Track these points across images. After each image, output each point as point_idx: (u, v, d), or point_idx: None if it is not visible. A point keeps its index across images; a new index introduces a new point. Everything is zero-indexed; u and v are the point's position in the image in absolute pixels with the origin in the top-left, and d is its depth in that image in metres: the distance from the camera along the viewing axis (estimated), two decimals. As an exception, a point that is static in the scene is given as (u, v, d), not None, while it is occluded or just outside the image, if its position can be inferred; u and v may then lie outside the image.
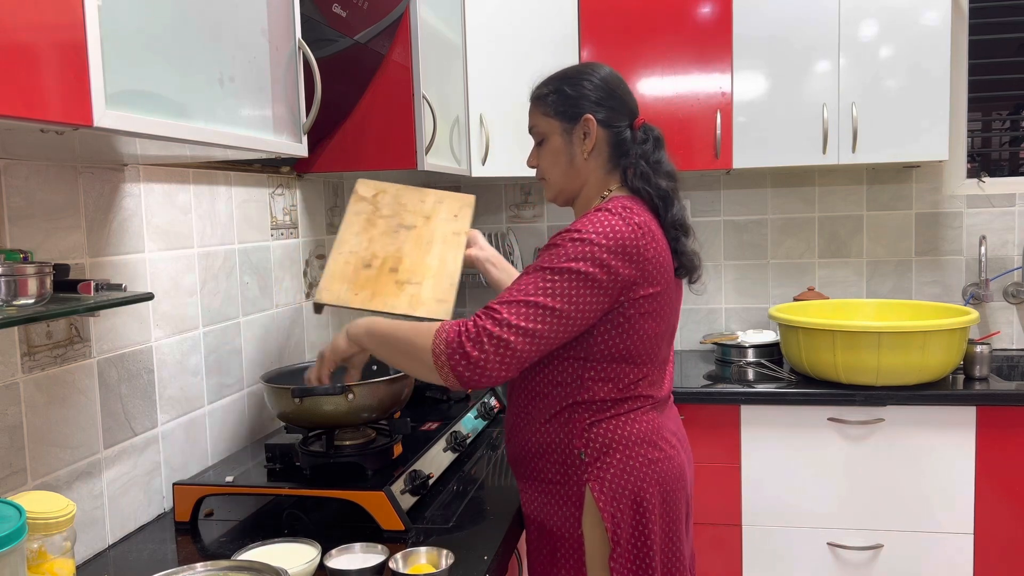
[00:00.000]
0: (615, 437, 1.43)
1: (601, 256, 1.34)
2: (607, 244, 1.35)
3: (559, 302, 1.33)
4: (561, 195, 1.55)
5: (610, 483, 1.41)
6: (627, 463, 1.42)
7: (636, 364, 1.44)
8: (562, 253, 1.36)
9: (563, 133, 1.50)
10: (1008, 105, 3.03)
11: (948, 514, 2.44)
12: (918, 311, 2.71)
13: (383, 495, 1.46)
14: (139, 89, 1.03)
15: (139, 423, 1.57)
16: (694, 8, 2.68)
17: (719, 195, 3.11)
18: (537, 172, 1.56)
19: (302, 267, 2.24)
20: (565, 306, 1.33)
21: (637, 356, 1.43)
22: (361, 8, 1.79)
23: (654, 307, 1.42)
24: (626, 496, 1.42)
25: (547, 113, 1.51)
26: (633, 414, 1.44)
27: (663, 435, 1.47)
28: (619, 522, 1.41)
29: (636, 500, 1.42)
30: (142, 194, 1.58)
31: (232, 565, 1.17)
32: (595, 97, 1.49)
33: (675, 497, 1.47)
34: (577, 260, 1.34)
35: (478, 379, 1.32)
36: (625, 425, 1.43)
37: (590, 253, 1.34)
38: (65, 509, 1.15)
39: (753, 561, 2.55)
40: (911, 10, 2.56)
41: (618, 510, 1.41)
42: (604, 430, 1.43)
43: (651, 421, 1.46)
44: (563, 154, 1.50)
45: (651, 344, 1.44)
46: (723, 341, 2.86)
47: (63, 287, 1.21)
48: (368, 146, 2.10)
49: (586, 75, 1.51)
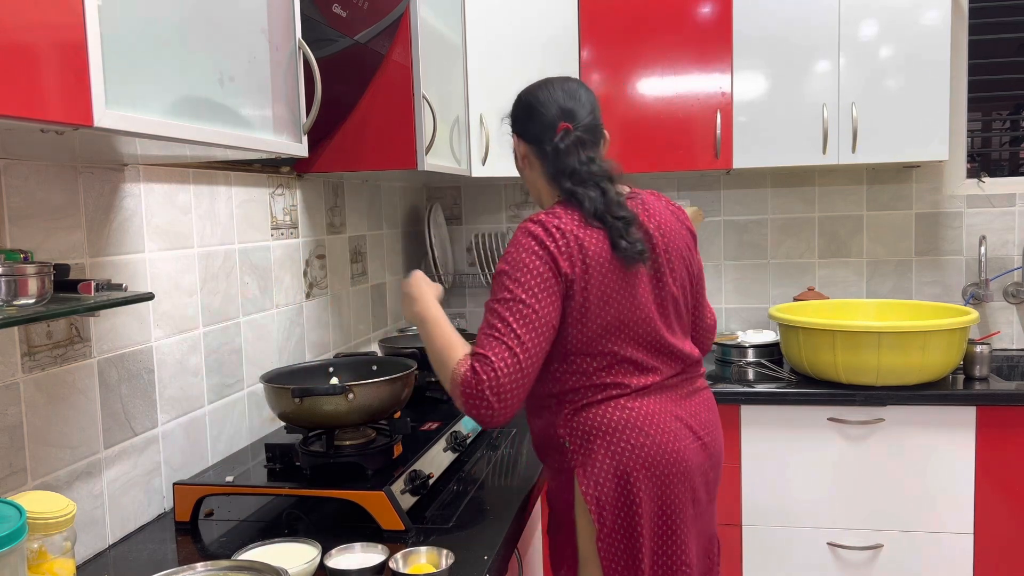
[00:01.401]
0: (595, 425, 1.50)
1: (528, 280, 1.44)
2: (522, 276, 1.45)
3: (524, 326, 1.42)
4: (536, 202, 1.69)
5: (592, 468, 1.49)
6: (609, 448, 1.48)
7: (592, 356, 1.50)
8: (497, 288, 1.47)
9: (514, 149, 1.68)
10: (1008, 105, 3.03)
11: (948, 514, 2.44)
12: (918, 311, 2.71)
13: (383, 495, 1.46)
14: (139, 89, 1.03)
15: (139, 423, 1.57)
16: (694, 8, 2.68)
17: (719, 195, 3.11)
18: None
19: (302, 267, 2.24)
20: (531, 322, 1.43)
21: (591, 348, 1.49)
22: (361, 8, 1.79)
23: (595, 301, 1.47)
24: (609, 481, 1.48)
25: (512, 128, 1.66)
26: (612, 402, 1.50)
27: (656, 422, 1.50)
28: (604, 506, 1.48)
29: (621, 485, 1.48)
30: (142, 194, 1.58)
31: (232, 565, 1.17)
32: (517, 115, 1.64)
33: (670, 483, 1.50)
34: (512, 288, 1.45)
35: (495, 422, 1.42)
36: (605, 413, 1.50)
37: (515, 281, 1.45)
38: (65, 509, 1.15)
39: (753, 561, 2.55)
40: (911, 10, 2.56)
41: (601, 494, 1.48)
42: (584, 419, 1.51)
43: (639, 408, 1.50)
44: (522, 170, 1.68)
45: (603, 335, 1.49)
46: (723, 341, 2.86)
47: (63, 287, 1.21)
48: (368, 146, 2.10)
49: (519, 95, 1.64)
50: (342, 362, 1.85)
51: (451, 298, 3.33)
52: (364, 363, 1.84)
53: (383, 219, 2.83)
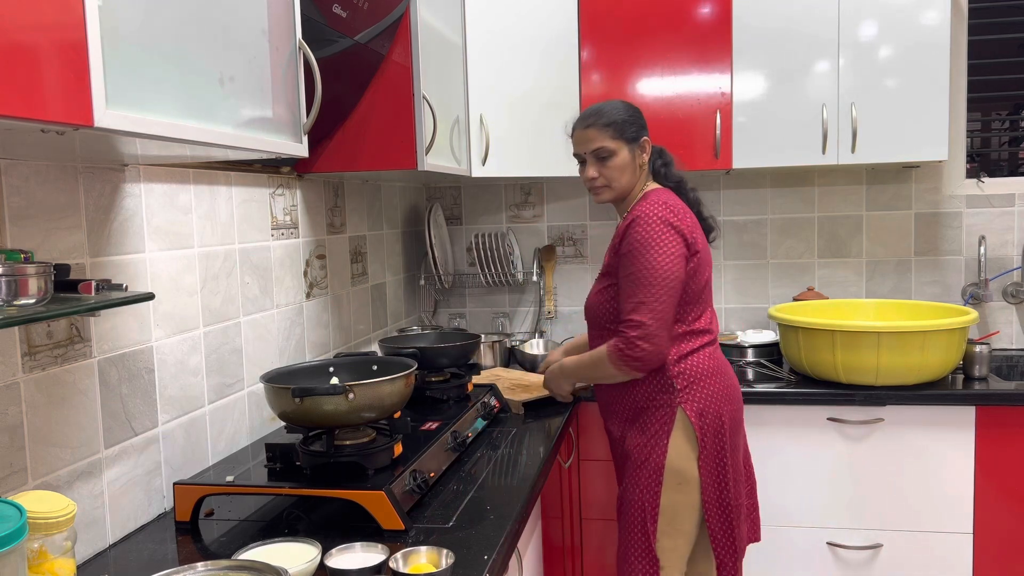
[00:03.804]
0: (700, 368, 1.92)
1: (672, 242, 1.88)
2: (670, 238, 1.88)
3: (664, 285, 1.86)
4: (620, 196, 2.01)
5: (698, 404, 1.90)
6: (711, 389, 1.92)
7: (696, 304, 1.94)
8: (648, 250, 1.87)
9: (629, 151, 1.98)
10: (1008, 105, 3.03)
11: (948, 514, 2.44)
12: (918, 311, 2.71)
13: (383, 495, 1.46)
14: (139, 89, 1.03)
15: (139, 423, 1.57)
16: (694, 8, 2.68)
17: (719, 195, 3.11)
18: (597, 181, 1.99)
19: (302, 267, 2.24)
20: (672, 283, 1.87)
21: (697, 297, 1.94)
22: (361, 8, 1.79)
23: (702, 260, 1.94)
24: (711, 414, 1.91)
25: (616, 136, 1.96)
26: (706, 349, 1.95)
27: (725, 366, 1.99)
28: (706, 432, 1.90)
29: (716, 417, 1.91)
30: (142, 194, 1.58)
31: (232, 565, 1.17)
32: (642, 123, 2.01)
33: (738, 415, 2.00)
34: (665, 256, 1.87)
35: (650, 363, 1.86)
36: (704, 359, 1.94)
37: (666, 242, 1.88)
38: (65, 509, 1.15)
39: (753, 561, 2.55)
40: (911, 10, 2.57)
41: (704, 424, 1.90)
42: (691, 363, 1.92)
43: (718, 356, 1.98)
44: (629, 166, 1.98)
45: (705, 288, 1.96)
46: (723, 341, 2.86)
47: (63, 287, 1.21)
48: (368, 146, 2.10)
49: (632, 109, 2.01)
50: (342, 362, 1.85)
51: (451, 298, 3.34)
52: (364, 363, 1.85)
53: (383, 219, 2.83)
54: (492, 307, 3.32)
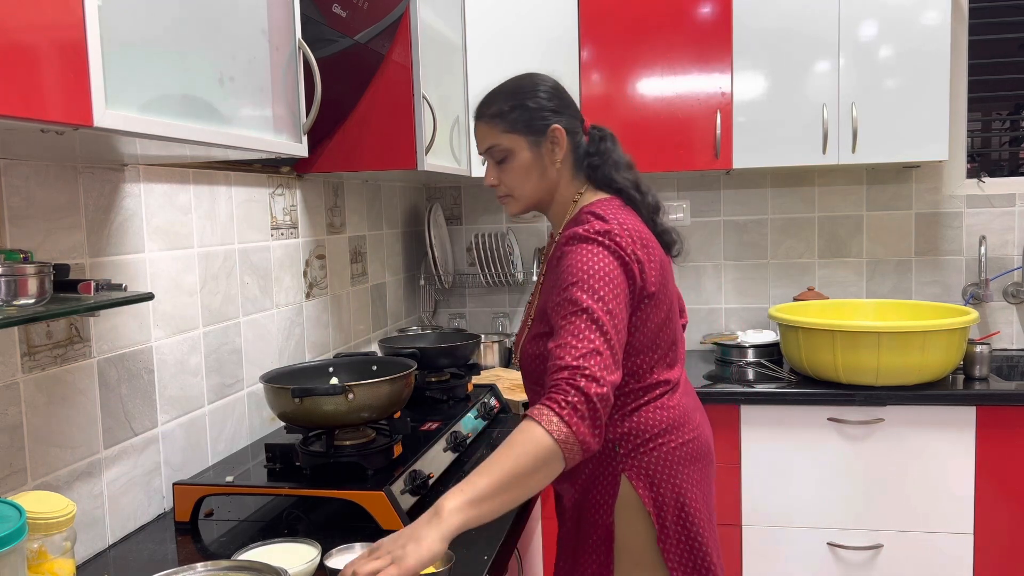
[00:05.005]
0: (647, 427, 1.47)
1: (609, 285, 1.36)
2: (604, 286, 1.35)
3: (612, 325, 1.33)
4: (531, 207, 1.56)
5: (647, 471, 1.46)
6: (662, 449, 1.47)
7: (646, 353, 1.47)
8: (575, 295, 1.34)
9: (531, 147, 1.50)
10: (1008, 105, 3.03)
11: (948, 514, 2.44)
12: (918, 311, 2.71)
13: (383, 495, 1.46)
14: (139, 89, 1.03)
15: (139, 423, 1.57)
16: (694, 8, 2.68)
17: (719, 195, 3.11)
18: (499, 190, 1.55)
19: (302, 267, 2.24)
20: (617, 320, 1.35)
21: (646, 346, 1.46)
22: (361, 8, 1.79)
23: (656, 301, 1.46)
24: (666, 481, 1.46)
25: (510, 130, 1.50)
26: (658, 401, 1.49)
27: (689, 414, 1.52)
28: (662, 506, 1.45)
29: (675, 483, 1.47)
30: (142, 194, 1.58)
31: (232, 565, 1.17)
32: (554, 106, 1.51)
33: (707, 470, 1.54)
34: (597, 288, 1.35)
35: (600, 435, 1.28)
36: (655, 413, 1.48)
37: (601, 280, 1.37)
38: (65, 509, 1.15)
39: (753, 561, 2.55)
40: (911, 10, 2.56)
41: (659, 495, 1.46)
42: (636, 422, 1.47)
43: (676, 405, 1.51)
44: (534, 168, 1.51)
45: (656, 331, 1.47)
46: (723, 341, 2.86)
47: (63, 287, 1.20)
48: (368, 146, 2.10)
49: (539, 86, 1.53)
50: (342, 362, 1.85)
51: (451, 298, 3.33)
52: (364, 363, 1.84)
53: (383, 219, 2.83)
54: (492, 307, 3.32)
